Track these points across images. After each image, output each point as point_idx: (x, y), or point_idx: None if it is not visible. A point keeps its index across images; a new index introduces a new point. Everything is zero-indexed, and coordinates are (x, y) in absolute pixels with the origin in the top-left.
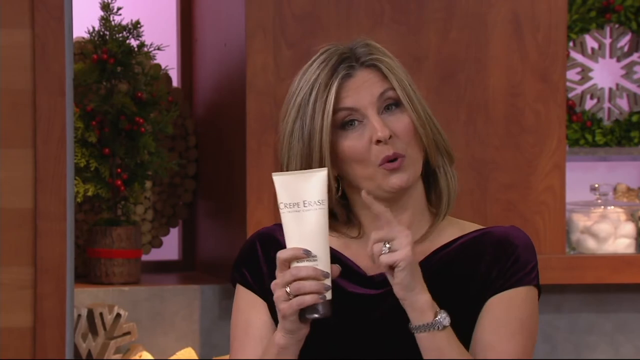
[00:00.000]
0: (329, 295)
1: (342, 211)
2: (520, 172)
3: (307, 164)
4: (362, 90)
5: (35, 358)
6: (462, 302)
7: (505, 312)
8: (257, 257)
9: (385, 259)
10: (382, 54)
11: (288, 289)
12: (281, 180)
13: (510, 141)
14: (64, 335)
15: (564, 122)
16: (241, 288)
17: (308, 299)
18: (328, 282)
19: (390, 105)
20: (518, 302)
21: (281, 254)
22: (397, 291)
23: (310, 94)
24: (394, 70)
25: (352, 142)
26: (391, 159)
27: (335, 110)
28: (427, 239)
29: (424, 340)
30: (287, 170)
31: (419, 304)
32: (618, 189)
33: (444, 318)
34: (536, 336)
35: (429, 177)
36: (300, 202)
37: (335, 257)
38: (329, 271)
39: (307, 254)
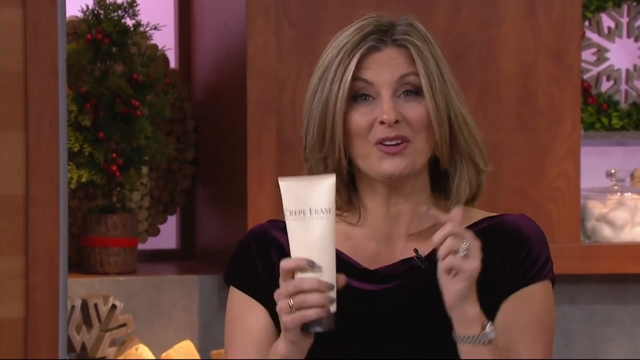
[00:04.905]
0: (333, 307)
1: (345, 192)
2: (533, 157)
3: (322, 130)
4: (384, 68)
5: (27, 351)
6: None
7: (524, 314)
8: (252, 258)
9: (457, 262)
10: (418, 37)
11: (291, 302)
12: (287, 186)
13: (522, 125)
14: (57, 327)
15: (578, 105)
16: (235, 291)
17: (311, 313)
18: (332, 294)
19: (410, 91)
20: (535, 301)
21: (284, 264)
22: (450, 299)
23: (335, 57)
24: (423, 55)
25: (358, 116)
26: (391, 141)
27: (353, 79)
28: (430, 232)
29: (466, 351)
30: (305, 136)
31: (469, 316)
32: (635, 175)
33: (490, 332)
34: (554, 330)
35: (442, 174)
36: (306, 210)
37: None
38: (334, 283)
39: (311, 265)
